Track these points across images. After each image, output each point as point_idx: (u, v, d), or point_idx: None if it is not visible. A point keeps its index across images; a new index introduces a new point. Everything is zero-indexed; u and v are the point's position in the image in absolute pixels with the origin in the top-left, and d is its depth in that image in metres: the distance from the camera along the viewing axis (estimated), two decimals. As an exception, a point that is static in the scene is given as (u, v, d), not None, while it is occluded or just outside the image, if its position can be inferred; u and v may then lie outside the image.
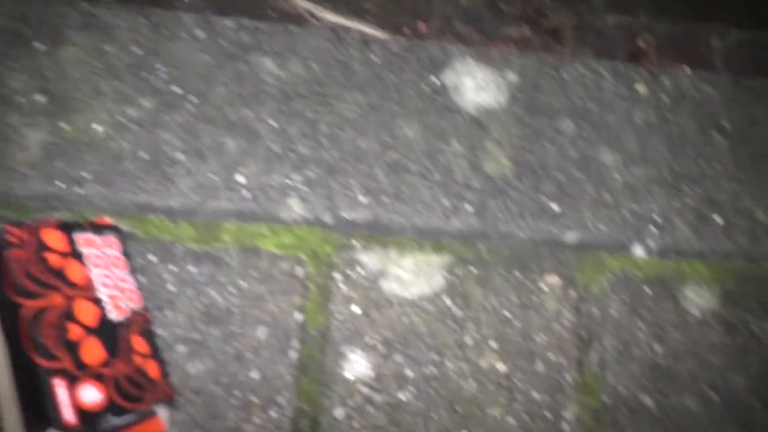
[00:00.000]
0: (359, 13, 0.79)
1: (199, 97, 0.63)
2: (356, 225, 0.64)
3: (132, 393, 0.50)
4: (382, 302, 0.63)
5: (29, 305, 0.47)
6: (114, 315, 0.52)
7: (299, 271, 0.63)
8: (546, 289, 0.66)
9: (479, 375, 0.63)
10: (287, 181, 0.62)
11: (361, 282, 0.63)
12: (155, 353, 0.54)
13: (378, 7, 0.80)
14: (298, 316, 0.62)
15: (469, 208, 0.65)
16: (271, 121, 0.64)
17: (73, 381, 0.47)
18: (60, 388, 0.46)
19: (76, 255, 0.52)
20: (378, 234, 0.64)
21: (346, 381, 0.62)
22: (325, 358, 0.61)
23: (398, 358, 0.62)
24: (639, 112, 0.71)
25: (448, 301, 0.64)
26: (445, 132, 0.67)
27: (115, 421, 0.48)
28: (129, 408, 0.49)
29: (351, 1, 0.80)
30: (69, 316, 0.50)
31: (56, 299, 0.49)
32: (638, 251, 0.67)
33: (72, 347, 0.48)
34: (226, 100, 0.63)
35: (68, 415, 0.45)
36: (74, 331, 0.49)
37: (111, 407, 0.49)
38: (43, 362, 0.46)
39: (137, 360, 0.52)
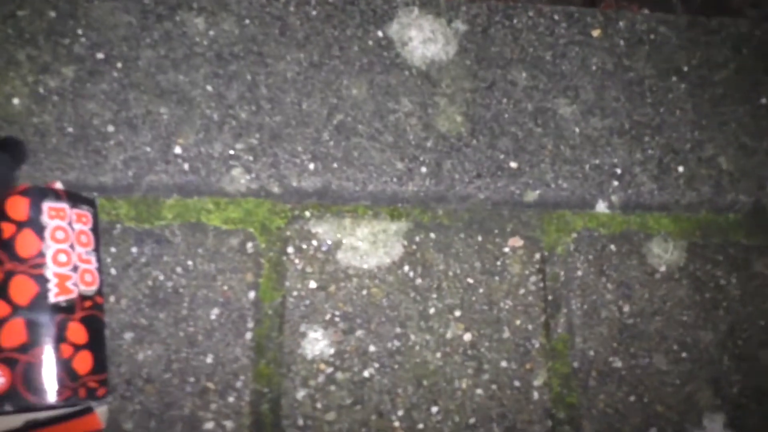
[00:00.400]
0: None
1: (126, 62, 0.71)
2: (306, 194, 0.74)
3: (43, 385, 0.57)
4: (340, 275, 0.73)
5: None
6: (55, 297, 0.59)
7: (249, 247, 0.72)
8: (509, 252, 0.77)
9: (445, 346, 0.74)
10: (229, 150, 0.72)
11: (316, 255, 0.73)
12: (94, 344, 0.61)
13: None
14: (252, 295, 0.71)
15: (424, 170, 0.75)
16: (206, 86, 0.72)
17: None
18: None
19: (36, 226, 0.60)
20: (330, 202, 0.74)
21: (306, 360, 0.71)
22: (283, 338, 0.71)
23: (360, 333, 0.72)
24: (595, 59, 0.83)
25: (409, 270, 0.75)
26: (394, 89, 0.77)
27: (8, 408, 0.55)
28: (31, 402, 0.56)
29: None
30: (2, 293, 0.57)
31: None
32: (601, 207, 0.80)
33: None
34: (156, 65, 0.72)
35: None
36: (1, 310, 0.57)
37: (9, 395, 0.55)
38: None
39: (66, 350, 0.59)
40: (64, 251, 0.60)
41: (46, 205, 0.60)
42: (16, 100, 0.66)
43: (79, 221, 0.62)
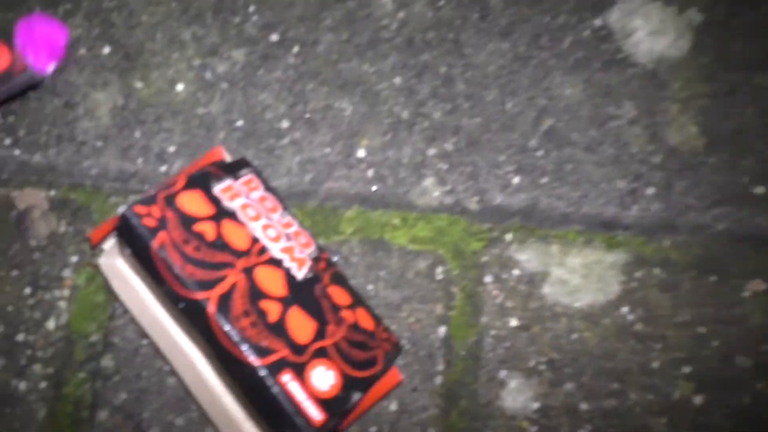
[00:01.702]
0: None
1: (303, 46, 0.72)
2: (509, 213, 0.73)
3: (360, 357, 0.58)
4: (545, 313, 0.72)
5: (209, 297, 0.54)
6: (298, 272, 0.60)
7: (439, 272, 0.71)
8: (749, 297, 0.74)
9: (671, 410, 0.71)
10: (420, 156, 0.72)
11: (518, 287, 0.72)
12: (358, 298, 0.63)
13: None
14: (442, 331, 0.70)
15: (650, 191, 0.73)
16: (394, 78, 0.72)
17: (298, 370, 0.55)
18: (292, 385, 0.54)
19: (228, 214, 0.60)
20: (536, 224, 0.73)
21: (505, 415, 0.70)
22: (478, 386, 0.70)
23: (569, 386, 0.71)
24: None
25: (628, 313, 0.73)
26: (615, 90, 0.76)
27: (357, 396, 0.56)
28: (364, 377, 0.58)
29: None
30: (257, 293, 0.57)
31: (234, 277, 0.57)
32: None
33: (278, 329, 0.56)
34: (337, 51, 0.72)
35: (314, 412, 0.54)
36: (272, 310, 0.57)
37: (347, 383, 0.56)
38: (258, 361, 0.54)
39: (347, 316, 0.60)
40: (267, 226, 0.61)
41: (217, 189, 0.60)
42: (180, 86, 0.68)
43: (251, 189, 0.63)
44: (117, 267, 0.61)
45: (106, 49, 0.69)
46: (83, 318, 0.66)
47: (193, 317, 0.54)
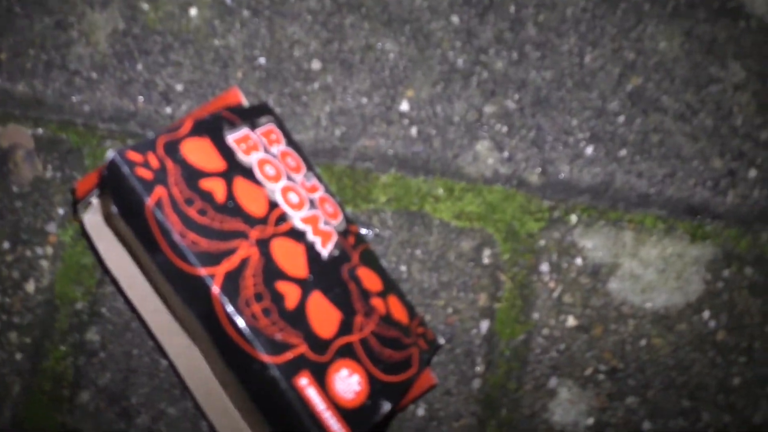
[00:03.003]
0: None
1: (346, -29, 0.68)
2: (577, 190, 0.69)
3: (391, 357, 0.54)
4: (610, 313, 0.68)
5: (213, 273, 0.48)
6: (322, 249, 0.55)
7: (487, 255, 0.67)
8: None
9: None
10: (475, 114, 0.68)
11: (580, 279, 0.68)
12: (390, 283, 0.59)
13: None
14: (485, 326, 0.67)
15: (752, 173, 0.70)
16: (451, 16, 0.69)
17: (318, 372, 0.50)
18: (311, 391, 0.49)
19: (242, 170, 0.54)
20: (608, 205, 0.69)
21: (552, 430, 0.67)
22: (523, 393, 0.67)
23: (632, 400, 0.68)
24: None
25: (710, 319, 0.69)
26: (721, 48, 0.71)
27: (386, 406, 0.51)
28: (395, 382, 0.53)
29: None
30: (272, 272, 0.51)
31: (245, 251, 0.50)
32: None
33: (296, 319, 0.51)
34: None
35: (334, 426, 0.49)
36: (290, 294, 0.52)
37: (375, 390, 0.52)
38: (271, 358, 0.48)
39: (377, 304, 0.56)
40: (288, 188, 0.56)
41: (230, 139, 0.55)
42: (193, 12, 0.66)
43: (271, 143, 0.58)
44: (104, 227, 0.57)
45: (109, -38, 0.64)
46: (68, 281, 0.63)
47: (192, 297, 0.49)
